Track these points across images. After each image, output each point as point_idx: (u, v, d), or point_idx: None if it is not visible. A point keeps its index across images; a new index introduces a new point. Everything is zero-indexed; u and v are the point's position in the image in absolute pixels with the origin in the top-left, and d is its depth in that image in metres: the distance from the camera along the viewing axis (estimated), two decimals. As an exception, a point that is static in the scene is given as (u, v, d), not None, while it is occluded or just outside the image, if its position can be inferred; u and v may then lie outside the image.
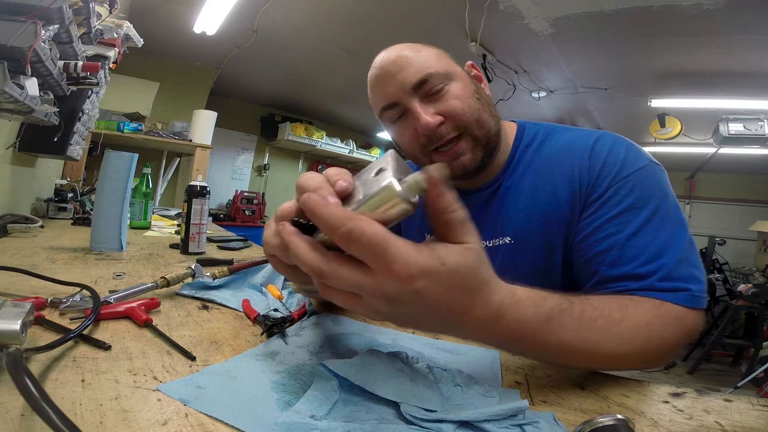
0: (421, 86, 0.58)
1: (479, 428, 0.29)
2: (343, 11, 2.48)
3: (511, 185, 0.64)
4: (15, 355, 0.29)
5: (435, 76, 0.57)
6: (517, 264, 0.61)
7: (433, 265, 0.28)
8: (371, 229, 0.27)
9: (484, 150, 0.60)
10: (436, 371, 0.37)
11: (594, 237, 0.53)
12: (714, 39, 2.30)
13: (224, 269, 0.66)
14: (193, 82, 3.48)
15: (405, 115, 0.60)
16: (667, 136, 3.43)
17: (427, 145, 0.60)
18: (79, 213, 1.64)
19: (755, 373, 2.20)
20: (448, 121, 0.58)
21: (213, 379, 0.35)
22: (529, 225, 0.60)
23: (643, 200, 0.52)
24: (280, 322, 0.49)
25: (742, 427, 0.33)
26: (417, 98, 0.58)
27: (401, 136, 0.63)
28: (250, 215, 4.18)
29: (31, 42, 0.67)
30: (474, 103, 0.59)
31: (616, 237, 0.51)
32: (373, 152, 5.17)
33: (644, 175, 0.54)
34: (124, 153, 0.97)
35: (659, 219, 0.51)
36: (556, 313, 0.36)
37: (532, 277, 0.59)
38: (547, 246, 0.59)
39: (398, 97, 0.59)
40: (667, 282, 0.47)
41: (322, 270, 0.29)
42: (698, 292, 0.47)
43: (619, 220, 0.52)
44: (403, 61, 0.58)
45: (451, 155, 0.59)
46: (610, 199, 0.54)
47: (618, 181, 0.54)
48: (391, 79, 0.58)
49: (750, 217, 4.43)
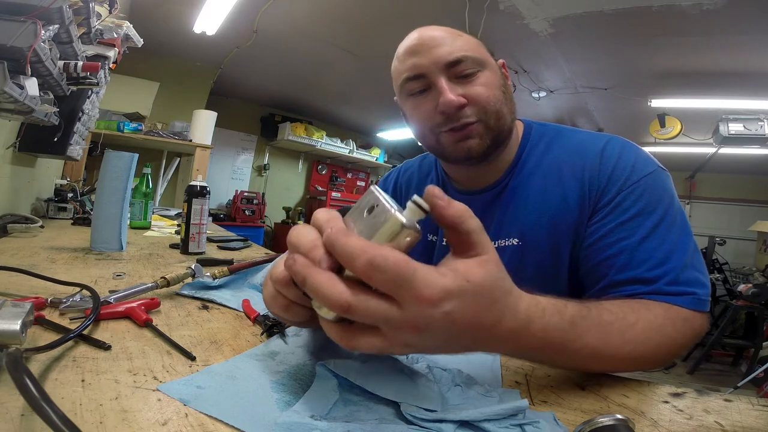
0: (453, 66, 0.58)
1: (479, 428, 0.29)
2: (343, 11, 2.49)
3: (518, 185, 0.64)
4: (15, 355, 0.29)
5: (470, 59, 0.58)
6: (524, 266, 0.61)
7: (459, 284, 0.27)
8: (394, 256, 0.25)
9: (493, 140, 0.60)
10: (436, 371, 0.37)
11: (604, 241, 0.54)
12: (714, 39, 2.30)
13: (224, 269, 0.66)
14: (193, 82, 3.48)
15: (428, 90, 0.60)
16: (667, 136, 3.43)
17: (441, 125, 0.59)
18: (79, 213, 1.64)
19: (755, 373, 2.20)
20: (471, 106, 0.58)
21: (213, 379, 0.35)
22: (537, 227, 0.61)
23: (652, 206, 0.53)
24: (280, 322, 0.49)
25: (742, 427, 0.33)
26: (446, 76, 0.58)
27: (416, 110, 0.62)
28: (250, 215, 4.18)
29: (31, 42, 0.67)
30: (499, 94, 0.60)
31: (626, 242, 0.52)
32: (373, 152, 5.17)
33: (652, 181, 0.55)
34: (124, 153, 0.97)
35: (666, 224, 0.52)
36: (578, 320, 0.36)
37: (540, 278, 0.59)
38: (554, 248, 0.60)
39: (428, 70, 0.58)
40: (675, 286, 0.48)
41: (348, 303, 0.26)
42: (704, 296, 0.49)
43: (629, 225, 0.53)
44: (442, 39, 0.59)
45: (460, 136, 0.59)
46: (620, 204, 0.55)
47: (628, 186, 0.55)
48: (427, 51, 0.58)
49: (750, 217, 4.43)
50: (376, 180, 5.71)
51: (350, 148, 4.88)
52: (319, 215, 0.32)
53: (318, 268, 0.27)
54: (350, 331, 0.29)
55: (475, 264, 0.29)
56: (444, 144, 0.61)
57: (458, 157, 0.61)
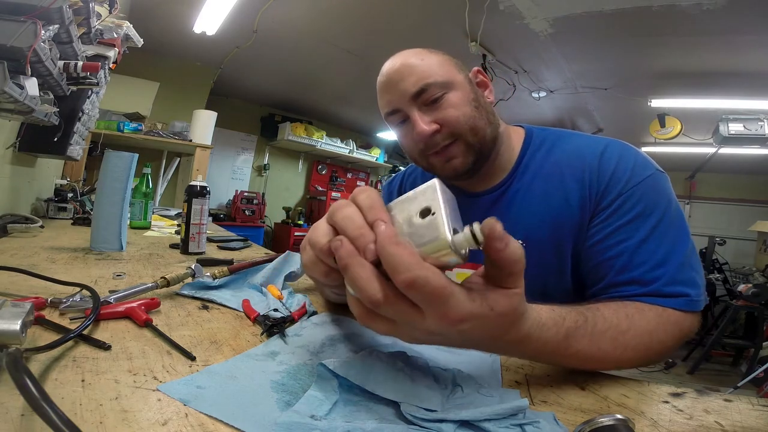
0: (420, 95, 0.61)
1: (479, 428, 0.29)
2: (344, 11, 2.49)
3: (520, 188, 0.67)
4: (15, 355, 0.29)
5: (434, 85, 0.60)
6: (529, 264, 0.62)
7: (482, 312, 0.29)
8: (435, 281, 0.27)
9: (476, 155, 0.63)
10: (436, 371, 0.37)
11: (604, 243, 0.57)
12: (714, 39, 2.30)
13: (224, 269, 0.66)
14: (193, 82, 3.48)
15: (407, 121, 0.64)
16: (667, 136, 3.43)
17: (425, 150, 0.64)
18: (79, 213, 1.64)
19: (755, 373, 2.20)
20: (444, 129, 0.61)
21: (213, 379, 0.35)
22: (541, 227, 0.63)
23: (650, 208, 0.56)
24: (280, 322, 0.49)
25: (742, 427, 0.33)
26: (416, 106, 0.62)
27: (403, 138, 0.67)
28: (250, 215, 4.18)
29: (31, 42, 0.67)
30: (470, 111, 0.62)
31: (625, 244, 0.55)
32: (373, 152, 5.17)
33: (651, 184, 0.57)
34: (124, 153, 0.97)
35: (664, 226, 0.55)
36: (572, 331, 0.39)
37: (544, 275, 0.63)
38: (557, 248, 0.62)
39: (400, 104, 0.63)
40: (671, 287, 0.51)
41: (378, 301, 0.28)
42: (696, 297, 0.52)
43: (628, 228, 0.56)
44: (406, 69, 0.62)
45: (443, 157, 0.63)
46: (619, 208, 0.57)
47: (627, 189, 0.57)
48: (394, 87, 0.62)
49: (750, 217, 4.43)
50: (376, 180, 5.71)
51: (350, 148, 4.88)
52: (360, 198, 0.32)
53: (361, 259, 0.29)
54: (370, 313, 0.31)
55: (505, 295, 0.31)
56: (434, 165, 0.65)
57: (448, 176, 0.65)
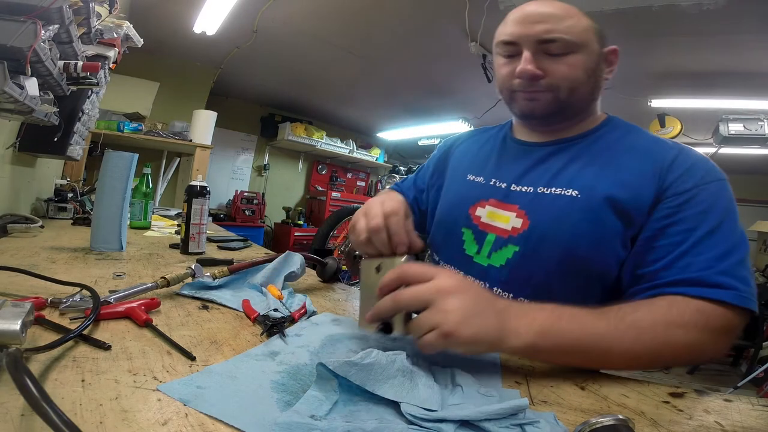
0: (545, 43, 0.62)
1: (479, 428, 0.29)
2: (344, 11, 2.48)
3: (589, 146, 0.67)
4: (15, 355, 0.29)
5: (564, 42, 0.61)
6: (573, 218, 0.61)
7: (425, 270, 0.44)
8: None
9: (558, 108, 0.64)
10: (436, 371, 0.37)
11: (672, 229, 0.55)
12: (714, 39, 2.30)
13: (224, 269, 0.66)
14: (193, 82, 3.48)
15: (515, 57, 0.65)
16: (667, 136, 3.42)
17: (516, 88, 0.65)
18: (79, 213, 1.64)
19: (755, 373, 2.20)
20: (547, 79, 0.62)
21: (213, 379, 0.35)
22: (598, 189, 0.61)
23: (721, 208, 0.56)
24: (280, 322, 0.49)
25: (742, 427, 0.33)
26: (533, 50, 0.62)
27: (501, 69, 0.68)
28: (250, 215, 4.18)
29: (31, 42, 0.67)
30: (581, 76, 0.63)
31: (691, 233, 0.54)
32: (373, 152, 5.17)
33: (725, 187, 0.58)
34: (124, 153, 0.97)
35: (730, 226, 0.55)
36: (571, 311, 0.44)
37: (588, 234, 0.59)
38: (608, 215, 0.59)
39: (520, 40, 0.63)
40: (723, 277, 0.50)
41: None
42: (745, 293, 0.50)
43: (698, 218, 0.55)
44: (548, 17, 0.62)
45: (528, 95, 0.65)
46: (693, 198, 0.56)
47: (703, 184, 0.57)
48: (528, 25, 0.63)
49: (750, 217, 4.43)
50: (376, 180, 5.71)
51: (350, 148, 4.88)
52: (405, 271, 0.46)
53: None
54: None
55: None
56: (515, 99, 0.67)
57: (523, 112, 0.67)
